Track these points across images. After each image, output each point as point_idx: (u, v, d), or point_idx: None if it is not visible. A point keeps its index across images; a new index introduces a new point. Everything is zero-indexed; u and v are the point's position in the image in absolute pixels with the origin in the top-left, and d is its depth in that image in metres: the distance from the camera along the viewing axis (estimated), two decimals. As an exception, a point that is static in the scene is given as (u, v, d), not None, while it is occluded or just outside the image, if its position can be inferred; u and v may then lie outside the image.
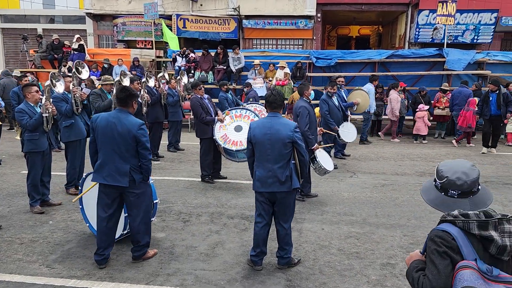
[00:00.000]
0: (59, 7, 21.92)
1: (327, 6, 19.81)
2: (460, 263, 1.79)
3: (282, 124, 4.13)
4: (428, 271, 1.87)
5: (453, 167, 2.04)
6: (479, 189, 2.01)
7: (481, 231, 1.82)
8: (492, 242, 1.81)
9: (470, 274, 1.74)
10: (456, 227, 1.87)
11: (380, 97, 12.74)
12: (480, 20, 17.93)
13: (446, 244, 1.85)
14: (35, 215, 5.78)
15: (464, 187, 1.98)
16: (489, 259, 1.83)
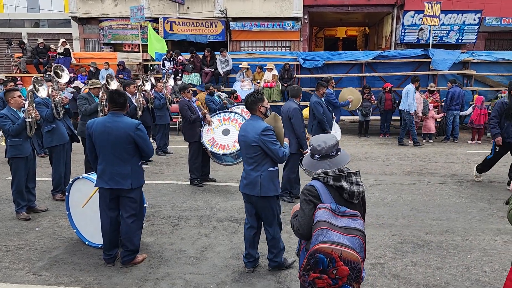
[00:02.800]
0: (44, 11, 21.67)
1: (314, 8, 19.94)
2: (318, 205, 2.48)
3: (252, 126, 4.05)
4: (299, 214, 2.59)
5: (317, 138, 2.72)
6: (338, 154, 2.67)
7: (335, 183, 2.52)
8: (344, 190, 2.51)
9: (322, 211, 2.41)
10: (319, 181, 2.58)
11: (368, 97, 12.85)
12: (464, 21, 18.21)
13: (311, 194, 2.55)
14: (21, 221, 5.69)
15: (323, 152, 2.64)
16: (344, 202, 2.52)
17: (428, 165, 9.12)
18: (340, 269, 2.21)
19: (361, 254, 2.28)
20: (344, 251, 2.22)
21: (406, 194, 6.97)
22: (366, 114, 12.93)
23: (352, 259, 2.22)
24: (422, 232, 5.30)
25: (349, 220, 2.37)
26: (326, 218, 2.36)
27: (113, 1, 20.49)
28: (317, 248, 2.26)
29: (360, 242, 2.31)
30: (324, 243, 2.26)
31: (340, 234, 2.29)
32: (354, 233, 2.31)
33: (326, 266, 2.22)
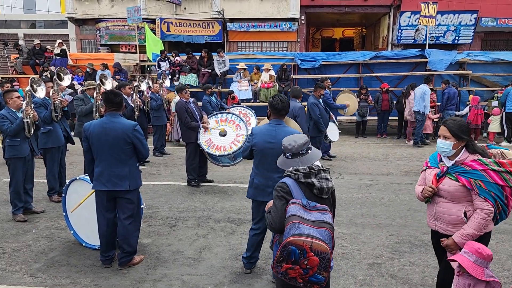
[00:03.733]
0: (40, 12, 21.64)
1: (311, 9, 19.96)
2: (290, 201, 2.61)
3: (288, 132, 3.82)
4: (272, 210, 2.70)
5: (289, 138, 2.84)
6: (308, 152, 2.77)
7: (306, 179, 2.66)
8: (314, 186, 2.65)
9: (294, 206, 2.55)
10: (291, 178, 2.70)
11: (365, 98, 12.87)
12: (461, 21, 18.26)
13: (283, 190, 2.68)
14: (18, 223, 5.67)
15: (293, 150, 2.75)
16: (315, 198, 2.66)
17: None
18: (310, 259, 2.36)
19: (330, 245, 2.43)
20: (314, 242, 2.36)
21: (403, 194, 6.98)
22: (363, 115, 12.94)
23: (322, 249, 2.37)
24: (419, 232, 5.31)
25: (319, 214, 2.52)
26: (297, 213, 2.50)
27: (109, 2, 20.46)
28: (289, 241, 2.39)
29: (329, 234, 2.45)
30: (295, 235, 2.40)
31: (310, 227, 2.43)
32: (323, 225, 2.46)
33: (298, 257, 2.37)
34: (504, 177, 2.83)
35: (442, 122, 3.07)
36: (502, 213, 2.93)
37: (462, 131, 2.94)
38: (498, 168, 2.83)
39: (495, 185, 2.83)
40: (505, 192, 2.86)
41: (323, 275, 2.42)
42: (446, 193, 3.01)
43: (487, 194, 2.84)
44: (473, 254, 2.63)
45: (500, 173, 2.83)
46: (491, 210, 2.84)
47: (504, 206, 2.89)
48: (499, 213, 2.91)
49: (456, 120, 3.03)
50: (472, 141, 3.01)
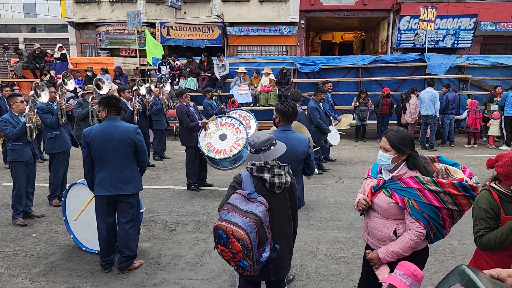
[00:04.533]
0: (40, 16, 21.71)
1: (310, 13, 20.03)
2: (236, 191, 2.81)
3: (297, 139, 3.89)
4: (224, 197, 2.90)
5: (253, 135, 2.98)
6: (270, 148, 2.88)
7: (258, 173, 2.82)
8: (266, 181, 2.80)
9: (234, 196, 2.77)
10: (247, 171, 2.89)
11: (364, 102, 12.88)
12: (460, 25, 18.32)
13: (236, 181, 2.90)
14: (18, 227, 5.66)
15: (256, 146, 2.87)
16: (267, 191, 2.81)
17: (425, 169, 9.12)
18: (233, 245, 2.59)
19: (252, 235, 2.58)
20: (235, 230, 2.57)
21: (403, 198, 6.97)
22: (363, 118, 12.95)
23: (241, 237, 2.55)
24: (420, 236, 5.29)
25: (254, 206, 2.69)
26: (233, 202, 2.73)
27: (110, 6, 20.53)
28: (216, 225, 2.67)
29: (252, 224, 2.60)
30: (222, 221, 2.65)
31: (237, 216, 2.63)
32: (249, 216, 2.62)
33: (225, 241, 2.62)
34: (442, 198, 2.58)
35: (384, 133, 2.84)
36: (437, 234, 2.71)
37: (403, 144, 2.68)
38: (436, 188, 2.57)
39: (429, 206, 2.59)
40: (441, 214, 2.62)
41: (248, 262, 2.61)
42: (379, 208, 2.78)
43: (420, 215, 2.60)
44: (409, 277, 2.47)
45: (437, 193, 2.58)
46: (422, 233, 2.62)
47: (439, 227, 2.67)
48: (434, 233, 2.70)
49: (399, 131, 2.77)
50: (415, 155, 2.72)
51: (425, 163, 2.80)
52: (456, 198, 2.58)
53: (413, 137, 3.03)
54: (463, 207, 2.62)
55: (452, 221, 2.69)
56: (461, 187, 2.57)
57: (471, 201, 2.63)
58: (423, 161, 2.78)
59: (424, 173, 2.68)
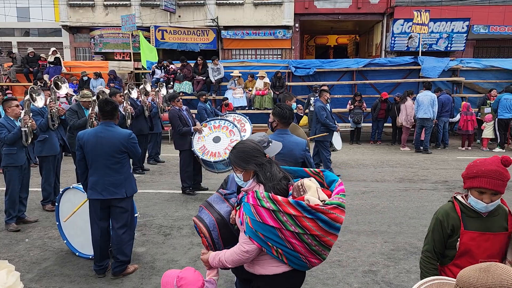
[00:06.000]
0: (34, 20, 21.59)
1: (305, 16, 20.10)
2: (218, 190, 2.88)
3: (295, 143, 3.83)
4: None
5: (248, 137, 3.10)
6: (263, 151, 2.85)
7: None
8: None
9: (214, 195, 2.83)
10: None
11: (359, 105, 12.92)
12: (453, 29, 18.46)
13: (224, 180, 2.96)
14: (10, 233, 5.61)
15: None
16: None
17: (419, 171, 9.17)
18: (202, 239, 2.71)
19: (214, 233, 2.64)
20: (200, 226, 2.67)
21: (398, 200, 6.99)
22: (358, 121, 13.00)
23: (205, 234, 2.65)
24: (415, 238, 5.31)
25: (224, 206, 2.74)
26: (211, 200, 2.80)
27: (104, 10, 20.50)
28: (193, 219, 2.79)
29: (214, 223, 2.66)
30: (195, 216, 2.74)
31: (207, 213, 2.70)
32: (214, 215, 2.69)
33: (198, 234, 2.74)
34: (279, 217, 2.24)
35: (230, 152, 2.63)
36: (292, 258, 2.34)
37: (242, 160, 2.46)
38: (271, 205, 2.25)
39: (264, 225, 2.27)
40: (283, 235, 2.27)
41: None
42: (238, 223, 2.54)
43: (253, 234, 2.31)
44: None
45: (274, 212, 2.25)
46: (246, 250, 2.35)
47: (288, 250, 2.31)
48: (286, 258, 2.35)
49: (238, 148, 2.54)
50: (264, 168, 2.46)
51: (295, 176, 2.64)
52: (297, 219, 2.24)
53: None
54: (310, 230, 2.24)
55: (307, 246, 2.30)
56: (299, 207, 2.24)
57: (320, 224, 2.25)
58: (279, 174, 2.50)
59: (267, 188, 2.40)
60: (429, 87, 11.75)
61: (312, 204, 2.26)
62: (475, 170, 2.26)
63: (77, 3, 20.54)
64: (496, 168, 2.22)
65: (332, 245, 2.41)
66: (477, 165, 2.28)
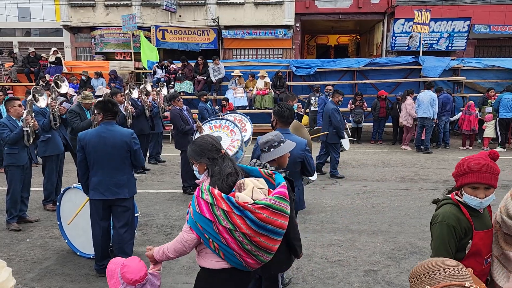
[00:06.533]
0: (35, 20, 21.61)
1: (305, 16, 20.09)
2: None
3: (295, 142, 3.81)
4: None
5: (264, 136, 3.25)
6: (270, 150, 3.15)
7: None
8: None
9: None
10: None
11: (360, 104, 12.92)
12: (454, 28, 18.44)
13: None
14: (12, 232, 5.62)
15: (261, 147, 3.17)
16: None
17: (420, 171, 9.17)
18: None
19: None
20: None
21: (399, 200, 6.99)
22: (359, 121, 12.99)
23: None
24: (415, 238, 5.31)
25: None
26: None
27: (105, 10, 20.51)
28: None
29: None
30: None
31: None
32: None
33: None
34: (214, 211, 2.30)
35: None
36: (227, 254, 2.37)
37: (196, 153, 2.59)
38: (208, 198, 2.33)
39: (202, 217, 2.34)
40: (218, 229, 2.32)
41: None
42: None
43: (193, 224, 2.39)
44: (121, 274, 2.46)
45: (210, 205, 2.32)
46: (186, 239, 2.44)
47: (222, 245, 2.34)
48: (223, 253, 2.37)
49: (195, 142, 2.66)
50: (215, 163, 2.54)
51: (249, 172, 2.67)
52: (229, 214, 2.28)
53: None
54: (240, 228, 2.27)
55: (240, 244, 2.31)
56: (229, 202, 2.29)
57: (248, 222, 2.26)
58: (228, 170, 2.53)
59: (212, 182, 2.48)
60: (430, 86, 11.74)
61: (241, 201, 2.29)
62: (465, 166, 2.25)
63: (78, 3, 20.55)
64: (485, 162, 2.21)
65: (271, 249, 2.39)
66: (466, 162, 2.27)
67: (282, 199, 2.36)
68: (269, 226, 2.30)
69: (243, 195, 2.34)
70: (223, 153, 2.66)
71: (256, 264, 2.43)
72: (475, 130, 11.95)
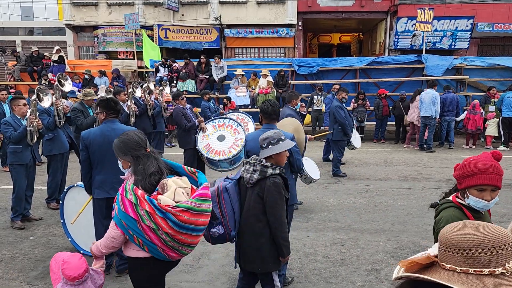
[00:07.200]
0: (38, 19, 21.65)
1: (308, 15, 20.06)
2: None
3: None
4: None
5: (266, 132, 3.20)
6: (268, 147, 3.09)
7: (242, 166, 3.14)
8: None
9: (223, 178, 3.25)
10: None
11: (362, 103, 12.90)
12: (457, 27, 18.39)
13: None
14: (15, 230, 5.65)
15: (260, 143, 3.13)
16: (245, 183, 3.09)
17: (423, 170, 9.16)
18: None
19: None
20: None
21: (402, 199, 6.99)
22: (361, 120, 12.98)
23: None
24: (418, 237, 5.30)
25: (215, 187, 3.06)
26: (217, 180, 3.20)
27: (107, 9, 20.53)
28: None
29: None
30: None
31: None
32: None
33: None
34: (138, 211, 2.44)
35: None
36: (151, 249, 2.53)
37: (121, 150, 2.73)
38: (132, 198, 2.47)
39: (126, 214, 2.48)
40: (141, 227, 2.46)
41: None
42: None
43: (118, 221, 2.54)
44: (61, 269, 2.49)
45: (134, 205, 2.46)
46: (113, 236, 2.59)
47: (146, 241, 2.50)
48: (147, 247, 2.53)
49: (120, 138, 2.78)
50: (138, 161, 2.65)
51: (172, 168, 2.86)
52: (152, 215, 2.42)
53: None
54: (162, 228, 2.42)
55: (163, 241, 2.47)
56: (152, 204, 2.43)
57: (169, 223, 2.42)
58: (152, 169, 2.64)
59: (136, 181, 2.58)
60: (433, 85, 11.70)
61: (163, 204, 2.42)
62: (472, 168, 2.18)
63: (81, 2, 20.58)
64: (492, 163, 2.16)
65: (193, 244, 2.62)
66: (472, 163, 2.20)
67: (203, 200, 2.53)
68: (191, 226, 2.49)
69: (165, 198, 2.46)
70: (148, 151, 2.74)
71: (178, 256, 2.65)
72: (480, 129, 11.88)
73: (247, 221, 3.08)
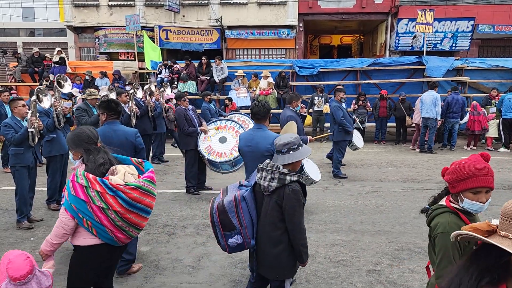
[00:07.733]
0: (39, 20, 21.70)
1: (309, 16, 20.07)
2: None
3: (262, 137, 4.14)
4: None
5: (280, 137, 3.12)
6: (289, 152, 2.98)
7: (258, 172, 3.04)
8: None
9: (236, 184, 3.24)
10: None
11: (363, 104, 12.91)
12: (458, 28, 18.39)
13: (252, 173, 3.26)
14: (16, 232, 5.66)
15: (276, 147, 3.05)
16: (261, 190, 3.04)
17: (423, 171, 9.15)
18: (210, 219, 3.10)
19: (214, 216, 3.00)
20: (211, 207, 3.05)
21: (403, 200, 6.98)
22: (362, 121, 12.97)
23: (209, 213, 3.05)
24: (419, 238, 5.30)
25: (230, 195, 3.04)
26: (230, 186, 3.22)
27: (108, 10, 20.57)
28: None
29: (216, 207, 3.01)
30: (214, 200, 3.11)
31: (219, 197, 3.10)
32: (219, 201, 3.04)
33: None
34: (89, 193, 2.67)
35: None
36: (100, 232, 2.75)
37: (73, 142, 2.95)
38: (83, 182, 2.68)
39: (76, 198, 2.69)
40: (91, 209, 2.69)
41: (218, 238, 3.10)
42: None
43: (68, 206, 2.73)
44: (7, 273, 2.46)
45: (85, 188, 2.68)
46: (64, 222, 2.75)
47: (95, 222, 2.72)
48: (96, 230, 2.76)
49: (74, 131, 3.00)
50: (89, 153, 2.89)
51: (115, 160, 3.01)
52: (102, 195, 2.67)
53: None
54: (112, 207, 2.67)
55: (112, 221, 2.71)
56: (103, 184, 2.68)
57: (120, 201, 2.68)
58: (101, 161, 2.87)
59: (87, 169, 2.79)
60: (434, 86, 11.68)
61: (114, 183, 2.69)
62: (466, 171, 2.16)
63: (82, 3, 20.62)
64: (484, 164, 2.17)
65: (140, 226, 2.87)
66: (465, 166, 2.19)
67: (150, 182, 2.86)
68: (139, 205, 2.76)
69: (116, 178, 2.73)
70: (99, 145, 2.98)
71: (126, 239, 2.85)
72: (486, 129, 11.82)
73: (263, 228, 3.03)
